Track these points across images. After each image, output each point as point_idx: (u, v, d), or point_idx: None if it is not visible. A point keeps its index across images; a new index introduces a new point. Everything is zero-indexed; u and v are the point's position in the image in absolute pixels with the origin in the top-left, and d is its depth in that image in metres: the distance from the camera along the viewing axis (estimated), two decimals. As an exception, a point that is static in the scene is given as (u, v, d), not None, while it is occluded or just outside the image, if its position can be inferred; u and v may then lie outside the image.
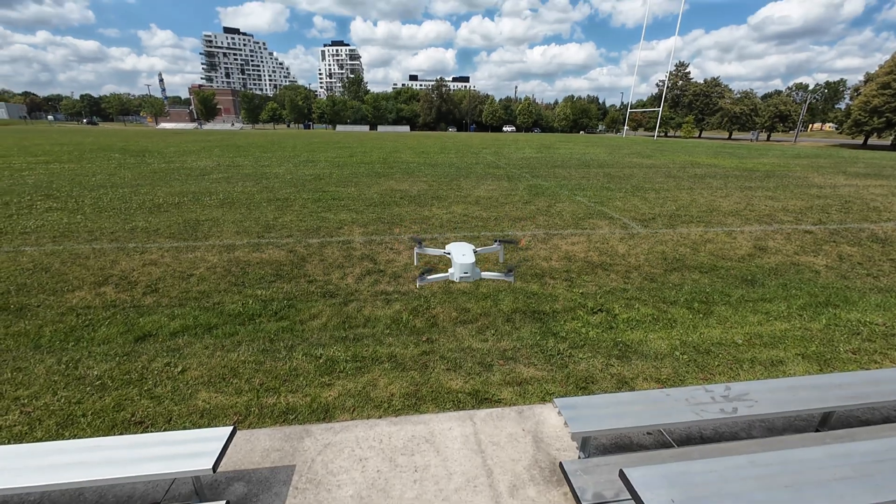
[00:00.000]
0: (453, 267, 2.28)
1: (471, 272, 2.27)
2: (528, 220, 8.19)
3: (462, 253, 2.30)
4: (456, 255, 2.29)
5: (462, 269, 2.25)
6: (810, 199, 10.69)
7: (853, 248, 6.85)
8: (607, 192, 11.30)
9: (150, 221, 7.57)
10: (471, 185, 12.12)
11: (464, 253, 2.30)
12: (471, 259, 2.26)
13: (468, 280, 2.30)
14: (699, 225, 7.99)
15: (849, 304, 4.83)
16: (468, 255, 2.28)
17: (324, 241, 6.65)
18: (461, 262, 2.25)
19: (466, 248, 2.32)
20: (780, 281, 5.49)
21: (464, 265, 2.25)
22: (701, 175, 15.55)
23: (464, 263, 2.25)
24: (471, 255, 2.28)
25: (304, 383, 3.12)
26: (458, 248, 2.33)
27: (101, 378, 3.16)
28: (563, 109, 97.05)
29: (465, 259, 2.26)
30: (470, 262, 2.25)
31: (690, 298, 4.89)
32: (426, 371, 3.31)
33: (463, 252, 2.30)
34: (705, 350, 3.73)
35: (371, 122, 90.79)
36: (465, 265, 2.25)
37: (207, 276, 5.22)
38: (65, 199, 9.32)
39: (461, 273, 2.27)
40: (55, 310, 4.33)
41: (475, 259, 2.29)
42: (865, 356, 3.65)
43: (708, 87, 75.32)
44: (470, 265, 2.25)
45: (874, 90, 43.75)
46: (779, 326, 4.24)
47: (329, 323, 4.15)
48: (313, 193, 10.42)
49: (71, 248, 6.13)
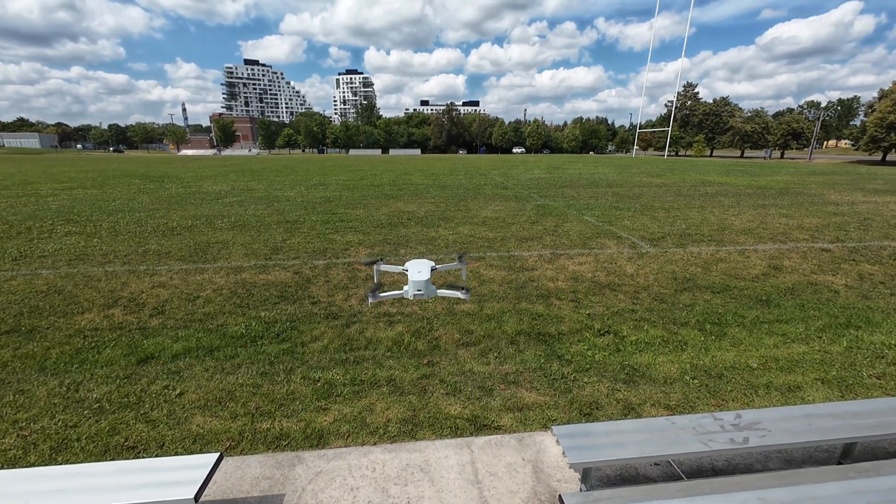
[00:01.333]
0: (408, 284, 2.26)
1: (424, 289, 2.24)
2: (535, 240, 8.13)
3: (418, 270, 2.28)
4: (412, 273, 2.27)
5: (415, 286, 2.24)
6: (827, 217, 10.41)
7: (874, 266, 6.58)
8: (616, 212, 11.20)
9: (162, 244, 7.75)
10: (478, 206, 12.16)
11: (419, 270, 2.28)
12: (426, 276, 2.24)
13: (422, 297, 2.27)
14: (710, 244, 7.82)
15: (871, 326, 4.60)
16: (423, 272, 2.25)
17: (330, 262, 6.69)
18: (415, 280, 2.24)
19: (424, 265, 2.29)
20: (797, 301, 5.28)
21: (417, 282, 2.24)
22: (712, 193, 15.35)
23: (417, 280, 2.23)
24: (427, 272, 2.25)
25: (300, 407, 3.07)
26: (415, 266, 2.32)
27: (100, 401, 3.16)
28: (572, 131, 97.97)
29: (420, 276, 2.24)
30: (424, 279, 2.23)
31: (702, 319, 4.73)
32: (425, 395, 3.22)
33: (419, 269, 2.28)
34: (717, 374, 3.56)
35: (383, 145, 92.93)
36: (419, 282, 2.23)
37: (213, 298, 5.27)
38: (84, 223, 9.64)
39: (414, 290, 2.25)
40: (64, 332, 4.40)
41: (430, 276, 2.27)
42: (892, 381, 3.44)
43: (717, 107, 75.33)
44: (424, 282, 2.22)
45: (889, 106, 43.17)
46: (796, 349, 4.04)
47: (330, 345, 4.11)
48: (322, 216, 10.57)
49: (85, 270, 6.28)
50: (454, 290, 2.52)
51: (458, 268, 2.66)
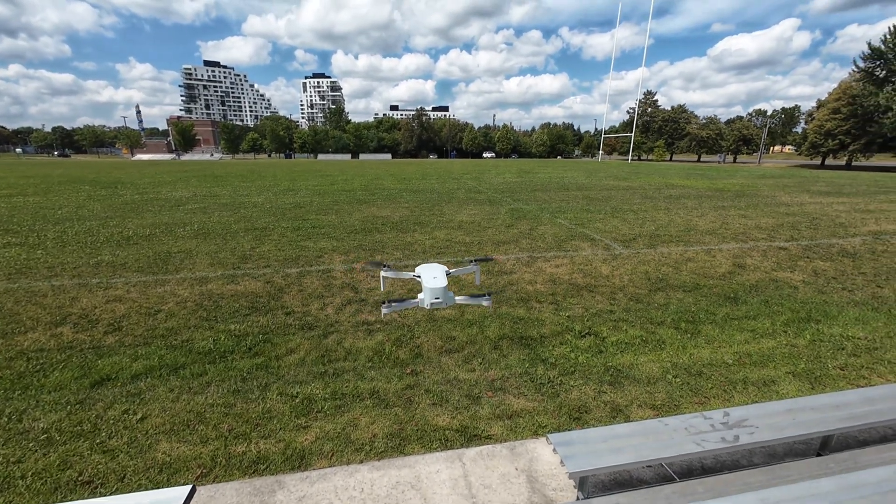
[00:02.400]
0: (423, 292, 1.99)
1: (443, 297, 1.97)
2: (512, 243, 8.16)
3: (433, 276, 2.01)
4: (426, 279, 2.00)
5: (433, 293, 1.96)
6: (780, 217, 11.09)
7: (826, 263, 7.03)
8: (587, 214, 11.47)
9: (117, 255, 7.21)
10: (453, 211, 12.13)
11: (435, 276, 2.00)
12: (443, 282, 1.97)
13: (440, 306, 2.00)
14: (679, 244, 8.12)
15: (829, 319, 4.87)
16: (440, 278, 1.98)
17: (303, 270, 6.43)
18: (432, 287, 1.97)
19: (438, 270, 2.01)
20: (761, 297, 5.53)
21: (435, 290, 1.96)
22: (676, 196, 16.05)
23: (435, 288, 1.96)
24: (443, 277, 1.98)
25: (278, 427, 2.87)
26: (428, 271, 2.02)
27: (48, 431, 2.84)
28: (540, 136, 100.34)
29: (437, 283, 1.97)
30: (441, 285, 1.96)
31: (677, 318, 4.86)
32: (411, 407, 3.10)
33: (434, 275, 2.00)
34: (697, 372, 3.64)
35: (353, 150, 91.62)
36: (437, 290, 1.96)
37: (177, 312, 4.92)
38: (25, 233, 8.84)
39: (432, 298, 1.98)
40: (3, 354, 3.96)
41: (447, 282, 2.00)
42: (853, 371, 3.63)
43: (675, 114, 79.38)
44: (441, 289, 1.95)
45: (826, 115, 46.89)
46: (766, 344, 4.21)
47: (307, 357, 3.91)
48: (293, 222, 10.21)
49: (27, 285, 5.73)
50: (475, 297, 2.25)
51: (473, 271, 2.38)
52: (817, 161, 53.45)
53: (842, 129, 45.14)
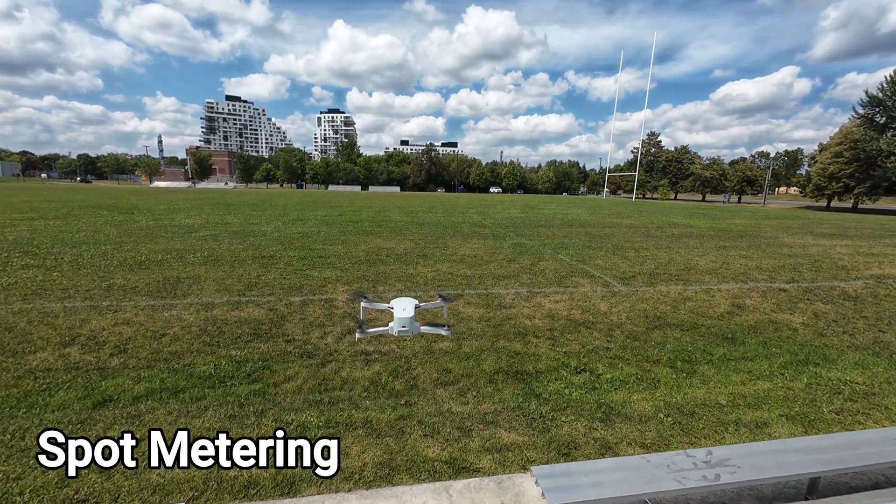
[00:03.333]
0: (393, 321, 2.36)
1: (409, 326, 2.34)
2: (512, 278, 8.28)
3: (403, 307, 2.39)
4: (397, 310, 2.37)
5: (400, 322, 2.35)
6: (782, 258, 11.12)
7: (827, 305, 7.02)
8: (589, 251, 11.61)
9: (128, 279, 7.44)
10: (457, 244, 12.35)
11: (404, 307, 2.38)
12: (410, 313, 2.35)
13: (406, 333, 2.37)
14: (678, 283, 8.17)
15: (828, 363, 4.86)
16: (408, 310, 2.36)
17: (306, 298, 6.57)
18: (400, 316, 2.34)
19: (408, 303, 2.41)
20: (759, 339, 5.54)
21: (402, 319, 2.34)
22: (678, 235, 16.19)
23: (402, 318, 2.34)
24: (411, 309, 2.36)
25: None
26: (400, 303, 2.43)
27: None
28: (546, 172, 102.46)
29: (405, 313, 2.34)
30: (409, 316, 2.34)
31: (673, 357, 4.87)
32: (402, 437, 3.14)
33: (404, 307, 2.38)
34: (689, 412, 3.65)
35: (362, 182, 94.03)
36: (404, 319, 2.34)
37: (181, 336, 5.05)
38: (44, 255, 9.17)
39: (399, 327, 2.36)
40: (11, 373, 4.09)
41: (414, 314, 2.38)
42: (849, 416, 3.61)
43: (679, 154, 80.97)
44: (408, 319, 2.33)
45: (829, 158, 47.58)
46: (762, 386, 4.21)
47: (304, 385, 3.98)
48: (300, 251, 10.47)
49: (41, 306, 5.93)
50: (436, 327, 2.62)
51: (441, 306, 2.77)
52: (823, 203, 53.63)
53: (845, 173, 45.64)
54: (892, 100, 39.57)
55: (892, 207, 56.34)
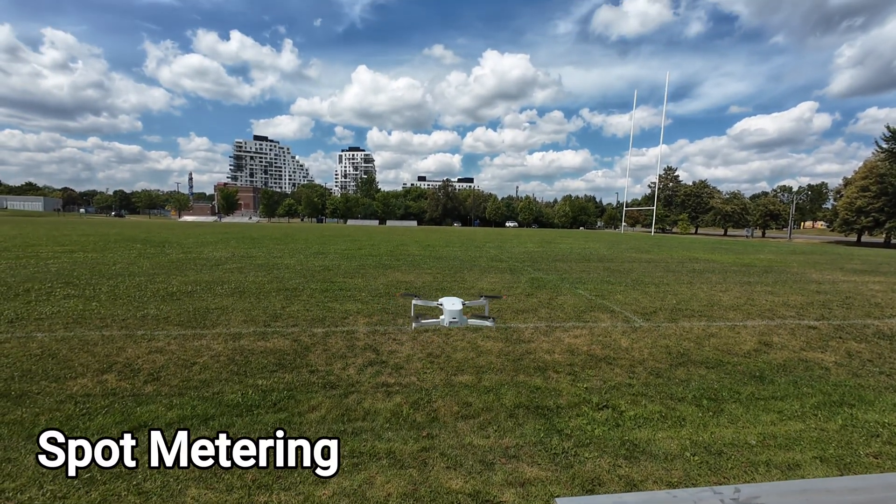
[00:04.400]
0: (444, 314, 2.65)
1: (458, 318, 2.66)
2: (531, 312, 8.30)
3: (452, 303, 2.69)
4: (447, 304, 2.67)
5: (451, 314, 2.66)
6: (810, 295, 10.80)
7: (860, 344, 6.77)
8: (608, 286, 11.53)
9: (161, 309, 7.79)
10: (474, 278, 12.47)
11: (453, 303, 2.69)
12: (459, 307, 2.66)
13: (456, 325, 2.67)
14: (701, 319, 8.03)
15: (864, 404, 4.67)
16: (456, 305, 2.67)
17: (328, 330, 6.74)
18: (451, 309, 2.63)
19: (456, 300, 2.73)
20: (789, 378, 5.37)
21: (452, 311, 2.64)
22: (700, 270, 15.92)
23: (452, 310, 2.63)
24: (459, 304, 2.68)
25: (299, 480, 3.00)
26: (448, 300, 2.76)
27: (90, 471, 3.06)
28: (562, 207, 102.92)
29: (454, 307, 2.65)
30: (458, 309, 2.64)
31: (699, 395, 4.77)
32: (425, 469, 3.17)
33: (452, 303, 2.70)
34: (717, 451, 3.56)
35: (381, 217, 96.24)
36: (454, 311, 2.64)
37: (210, 365, 5.24)
38: (83, 286, 9.70)
39: (450, 318, 2.67)
40: (55, 397, 4.32)
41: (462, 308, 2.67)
42: (888, 460, 3.46)
43: (697, 188, 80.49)
44: (458, 312, 2.65)
45: (855, 192, 46.54)
46: (793, 427, 4.07)
47: (328, 415, 4.07)
48: (321, 284, 10.76)
49: (81, 334, 6.26)
50: (482, 319, 2.91)
51: (483, 304, 3.10)
52: (853, 238, 51.88)
53: (874, 207, 44.39)
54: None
55: (927, 242, 54.03)
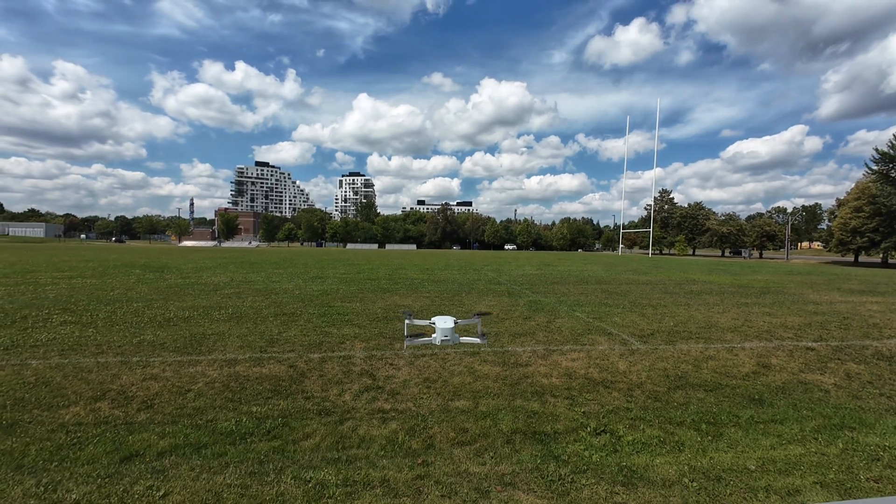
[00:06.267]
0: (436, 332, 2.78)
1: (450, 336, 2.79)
2: (528, 335, 8.27)
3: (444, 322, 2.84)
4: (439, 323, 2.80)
5: (443, 332, 2.81)
6: (808, 316, 10.80)
7: (860, 365, 6.74)
8: (606, 308, 11.53)
9: (157, 335, 7.76)
10: (472, 301, 12.46)
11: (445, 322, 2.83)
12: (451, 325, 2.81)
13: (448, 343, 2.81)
14: (699, 341, 8.01)
15: (865, 427, 4.62)
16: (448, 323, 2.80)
17: (325, 355, 6.71)
18: (443, 327, 2.77)
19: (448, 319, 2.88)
20: (789, 400, 5.33)
21: (444, 329, 2.79)
22: (697, 291, 15.93)
23: (444, 328, 2.77)
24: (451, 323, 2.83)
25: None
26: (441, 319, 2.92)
27: (79, 502, 3.01)
28: (560, 229, 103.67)
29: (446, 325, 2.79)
30: (450, 327, 2.79)
31: (697, 419, 4.73)
32: (419, 497, 3.12)
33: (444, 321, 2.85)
34: (716, 477, 3.51)
35: (380, 240, 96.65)
36: (446, 330, 2.79)
37: (205, 392, 5.20)
38: (81, 312, 9.68)
39: (442, 336, 2.82)
40: (46, 426, 4.27)
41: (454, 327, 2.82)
42: (889, 484, 3.41)
43: (693, 210, 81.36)
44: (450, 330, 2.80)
45: (849, 213, 47.08)
46: (793, 451, 4.03)
47: (322, 443, 4.02)
48: (319, 308, 10.74)
49: (76, 361, 6.22)
50: (473, 336, 3.02)
51: (476, 322, 3.22)
52: (850, 258, 52.08)
53: (868, 227, 44.81)
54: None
55: (925, 262, 54.22)
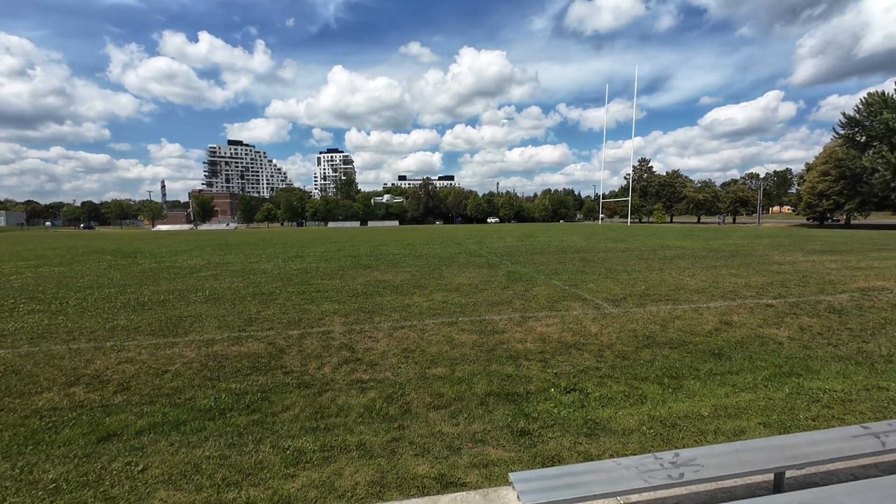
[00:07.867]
0: None
1: None
2: (506, 304, 8.48)
3: None
4: None
5: None
6: (771, 275, 11.35)
7: (812, 319, 7.20)
8: (582, 276, 11.85)
9: (131, 320, 7.64)
10: (452, 274, 12.60)
11: None
12: None
13: None
14: (668, 303, 8.37)
15: (811, 373, 5.00)
16: None
17: (304, 331, 6.76)
18: None
19: None
20: (745, 353, 5.69)
21: None
22: (670, 256, 16.47)
23: None
24: None
25: (268, 476, 3.06)
26: None
27: (56, 481, 3.05)
28: (542, 201, 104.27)
29: None
30: None
31: (661, 374, 5.02)
32: (394, 457, 3.28)
33: None
34: (672, 423, 3.78)
35: (361, 218, 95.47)
36: None
37: (183, 372, 5.21)
38: (49, 300, 9.40)
39: None
40: (19, 413, 4.24)
41: None
42: (823, 422, 3.75)
43: (671, 178, 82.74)
44: None
45: (816, 177, 48.72)
46: (744, 397, 4.35)
47: (301, 414, 4.13)
48: (298, 286, 10.70)
49: (47, 349, 6.11)
50: None
51: None
52: (817, 220, 54.30)
53: (834, 190, 46.59)
54: (869, 120, 41.08)
55: (883, 222, 57.04)
